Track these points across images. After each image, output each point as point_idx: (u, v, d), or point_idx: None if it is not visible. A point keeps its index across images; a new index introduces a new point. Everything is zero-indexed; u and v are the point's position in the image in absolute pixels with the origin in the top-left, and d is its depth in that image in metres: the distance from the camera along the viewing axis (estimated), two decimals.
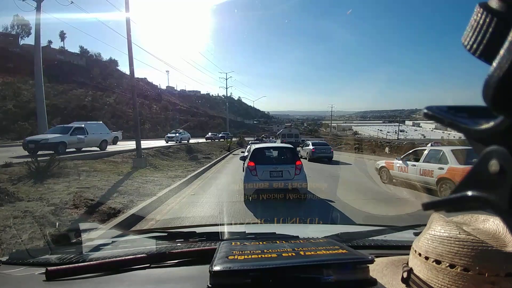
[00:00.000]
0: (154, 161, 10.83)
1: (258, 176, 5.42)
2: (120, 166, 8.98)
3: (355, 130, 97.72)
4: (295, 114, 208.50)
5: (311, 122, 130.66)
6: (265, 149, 6.40)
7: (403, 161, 7.26)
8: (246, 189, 5.36)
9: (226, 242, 0.83)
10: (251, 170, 5.49)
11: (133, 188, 5.86)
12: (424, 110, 0.28)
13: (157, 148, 13.90)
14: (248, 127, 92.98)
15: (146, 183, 6.60)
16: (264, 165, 5.55)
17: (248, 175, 5.48)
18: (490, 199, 0.23)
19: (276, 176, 5.46)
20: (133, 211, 4.26)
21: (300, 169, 5.55)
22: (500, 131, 0.23)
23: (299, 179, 5.46)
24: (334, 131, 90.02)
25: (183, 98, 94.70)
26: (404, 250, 0.89)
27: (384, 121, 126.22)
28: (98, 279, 0.79)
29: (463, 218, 0.67)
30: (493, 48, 0.22)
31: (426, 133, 76.88)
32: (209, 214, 4.53)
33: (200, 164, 11.33)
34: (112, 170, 8.00)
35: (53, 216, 3.69)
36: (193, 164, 11.40)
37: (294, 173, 5.49)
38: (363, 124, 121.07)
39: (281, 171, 5.49)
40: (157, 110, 57.32)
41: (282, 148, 6.57)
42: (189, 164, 11.33)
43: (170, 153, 13.86)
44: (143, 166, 9.04)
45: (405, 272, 0.61)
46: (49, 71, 42.58)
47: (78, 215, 3.91)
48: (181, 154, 14.27)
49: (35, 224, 3.33)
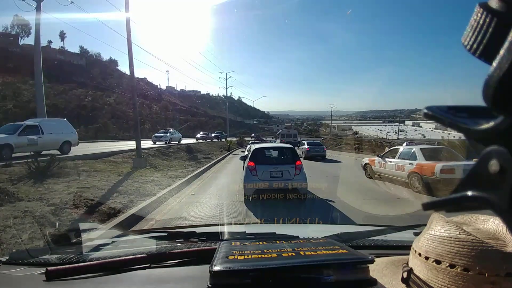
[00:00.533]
0: (154, 161, 10.79)
1: (258, 176, 5.41)
2: (120, 166, 8.94)
3: (355, 130, 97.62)
4: (295, 114, 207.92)
5: (311, 122, 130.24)
6: (265, 149, 6.40)
7: (382, 158, 8.14)
8: (246, 189, 5.34)
9: (226, 242, 0.83)
10: (251, 170, 5.47)
11: (133, 188, 5.86)
12: (424, 110, 0.28)
13: (157, 148, 13.89)
14: (248, 127, 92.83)
15: (146, 183, 6.59)
16: (264, 165, 5.55)
17: (248, 175, 5.46)
18: (490, 199, 0.23)
19: (276, 176, 5.44)
20: (133, 211, 4.25)
21: (300, 169, 5.54)
22: (500, 131, 0.22)
23: (299, 179, 5.44)
24: (334, 131, 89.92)
25: (183, 98, 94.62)
26: (404, 250, 0.89)
27: (384, 121, 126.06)
28: (98, 279, 0.78)
29: (463, 218, 0.67)
30: (493, 48, 0.22)
31: (426, 133, 76.69)
32: (209, 214, 4.53)
33: (200, 164, 11.29)
34: (112, 170, 7.96)
35: (53, 216, 3.69)
36: (193, 164, 11.35)
37: (294, 173, 5.47)
38: (363, 124, 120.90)
39: (281, 171, 5.47)
40: (157, 110, 57.28)
41: (282, 148, 6.55)
42: (189, 164, 11.29)
43: (170, 153, 13.79)
44: (143, 166, 8.96)
45: (405, 272, 0.61)
46: (49, 71, 42.49)
47: (78, 215, 3.92)
48: (181, 154, 14.21)
49: (35, 224, 3.33)
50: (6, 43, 50.41)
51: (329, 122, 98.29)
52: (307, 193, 5.66)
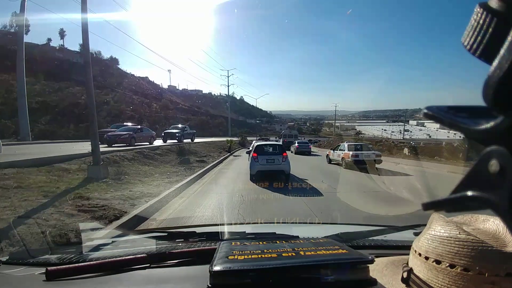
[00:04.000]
0: (130, 167, 8.44)
1: (259, 162, 8.26)
2: (66, 177, 6.21)
3: (359, 129, 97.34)
4: (297, 113, 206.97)
5: (314, 121, 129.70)
6: (263, 145, 9.21)
7: (333, 150, 13.72)
8: (252, 170, 8.31)
9: (226, 242, 0.83)
10: (254, 159, 8.34)
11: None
12: (424, 110, 0.28)
13: (140, 150, 10.94)
14: (250, 126, 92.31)
15: (69, 216, 3.83)
16: (263, 155, 8.46)
17: (253, 162, 8.36)
18: (490, 199, 0.23)
19: (270, 162, 8.35)
20: None
21: (286, 158, 8.49)
22: (500, 131, 0.22)
23: (285, 164, 8.39)
24: (338, 131, 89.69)
25: (184, 97, 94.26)
26: (404, 250, 0.89)
27: (388, 120, 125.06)
28: (98, 279, 0.78)
29: (463, 218, 0.67)
30: (493, 48, 0.22)
31: (431, 132, 76.45)
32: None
33: (190, 171, 9.01)
34: (48, 185, 5.28)
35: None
36: (181, 170, 9.08)
37: (282, 160, 8.42)
38: (366, 123, 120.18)
39: (273, 159, 8.42)
40: (156, 108, 56.78)
41: (275, 145, 9.46)
42: (176, 170, 8.99)
43: (157, 155, 11.20)
44: (102, 176, 6.55)
45: (405, 272, 0.61)
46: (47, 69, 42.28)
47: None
48: (170, 157, 11.71)
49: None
50: (4, 41, 50.31)
51: (332, 122, 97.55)
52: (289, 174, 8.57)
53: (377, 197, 6.32)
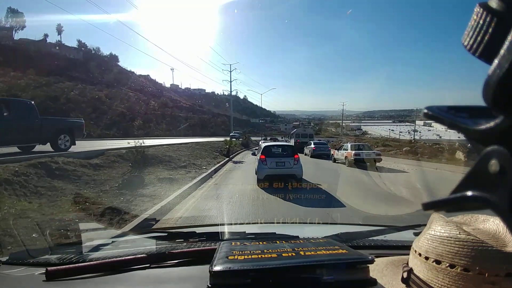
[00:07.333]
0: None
1: (267, 166, 7.24)
2: None
3: (365, 130, 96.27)
4: (301, 113, 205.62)
5: (318, 121, 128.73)
6: (271, 147, 8.16)
7: (338, 150, 14.35)
8: (259, 174, 7.27)
9: (226, 242, 0.83)
10: (262, 161, 7.32)
11: None
12: (424, 110, 0.28)
13: (55, 160, 5.85)
14: (253, 126, 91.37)
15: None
16: (272, 158, 7.38)
17: (260, 165, 7.33)
18: (490, 199, 0.23)
19: (280, 165, 7.30)
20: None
21: (297, 161, 7.46)
22: (500, 131, 0.22)
23: (297, 168, 7.36)
24: (344, 131, 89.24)
25: (187, 96, 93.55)
26: (404, 250, 0.89)
27: (394, 120, 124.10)
28: (98, 279, 0.78)
29: (463, 218, 0.67)
30: (493, 48, 0.22)
31: (440, 133, 75.62)
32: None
33: (118, 215, 3.92)
34: None
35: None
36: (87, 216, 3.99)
37: (293, 163, 7.37)
38: (373, 123, 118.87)
39: (284, 162, 7.36)
40: (155, 106, 55.63)
41: (285, 146, 8.35)
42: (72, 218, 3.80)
43: (92, 167, 6.38)
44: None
45: (405, 272, 0.61)
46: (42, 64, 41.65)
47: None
48: (113, 171, 6.63)
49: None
50: (0, 37, 50.04)
51: (336, 122, 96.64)
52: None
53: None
